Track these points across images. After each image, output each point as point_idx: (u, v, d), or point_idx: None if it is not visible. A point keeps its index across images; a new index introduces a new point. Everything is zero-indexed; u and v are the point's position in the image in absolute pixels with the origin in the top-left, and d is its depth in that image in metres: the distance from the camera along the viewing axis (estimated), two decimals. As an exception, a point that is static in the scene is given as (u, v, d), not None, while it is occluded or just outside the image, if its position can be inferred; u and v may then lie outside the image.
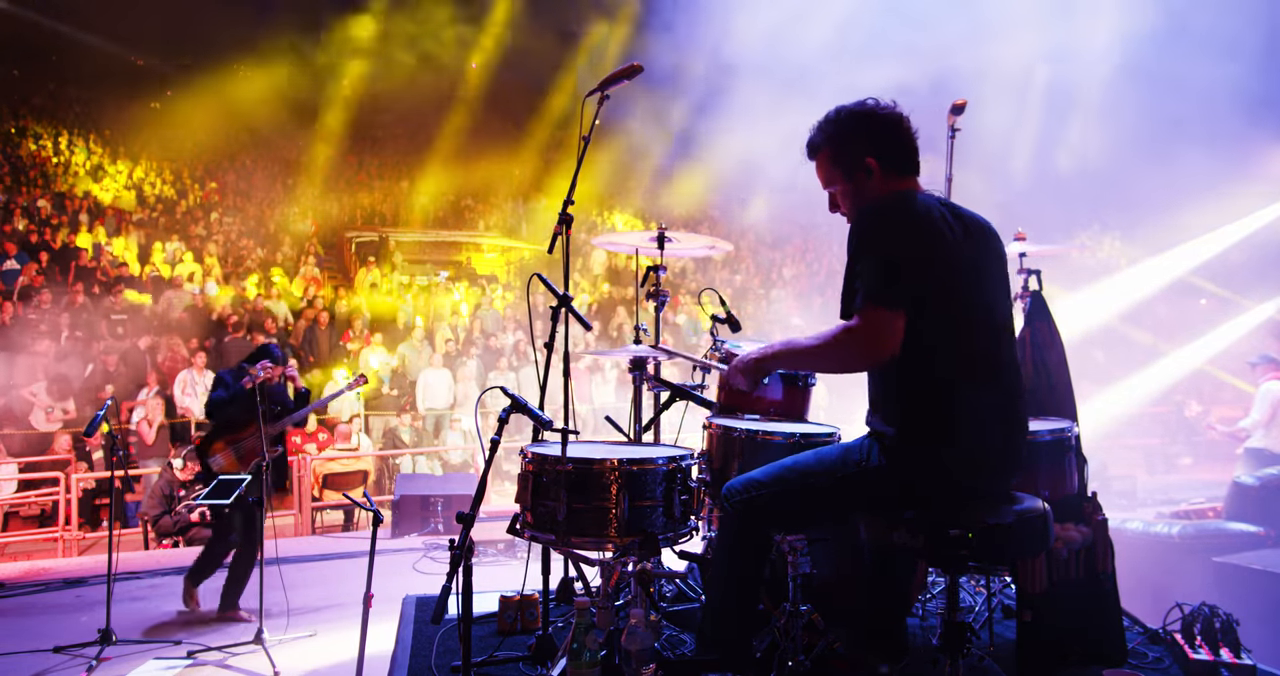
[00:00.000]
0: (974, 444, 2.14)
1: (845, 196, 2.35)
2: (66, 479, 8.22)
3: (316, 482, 9.07)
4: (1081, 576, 2.89)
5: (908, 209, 2.20)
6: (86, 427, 4.33)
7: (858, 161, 2.29)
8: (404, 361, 11.71)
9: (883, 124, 2.30)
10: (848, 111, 2.32)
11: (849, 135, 2.31)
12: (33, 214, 13.76)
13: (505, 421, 2.42)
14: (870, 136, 2.29)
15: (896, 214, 2.19)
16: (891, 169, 2.29)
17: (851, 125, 2.31)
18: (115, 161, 18.26)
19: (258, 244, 14.91)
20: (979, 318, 2.20)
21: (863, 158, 2.28)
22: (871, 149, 2.28)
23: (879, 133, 2.30)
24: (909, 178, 2.32)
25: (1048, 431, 2.86)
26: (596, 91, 3.01)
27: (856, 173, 2.30)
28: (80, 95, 23.44)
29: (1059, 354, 3.28)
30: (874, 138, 2.29)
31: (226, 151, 20.68)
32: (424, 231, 19.27)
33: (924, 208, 2.22)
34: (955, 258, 2.17)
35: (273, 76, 20.12)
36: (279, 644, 4.41)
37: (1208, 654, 2.85)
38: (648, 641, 2.30)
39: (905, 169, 2.31)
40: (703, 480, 2.78)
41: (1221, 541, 4.60)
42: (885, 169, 2.28)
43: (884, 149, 2.29)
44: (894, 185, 2.29)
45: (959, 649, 2.18)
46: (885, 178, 2.29)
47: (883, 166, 2.28)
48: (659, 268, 3.75)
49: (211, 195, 17.24)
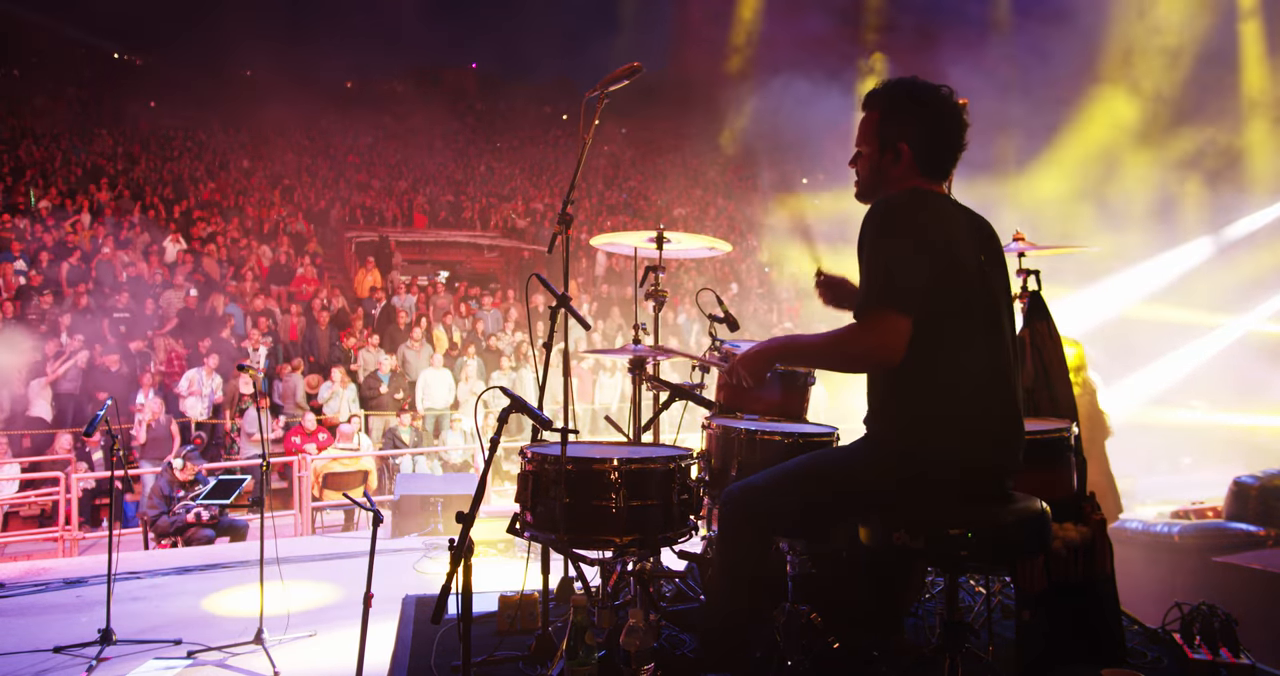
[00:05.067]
0: (972, 445, 2.14)
1: (865, 163, 2.31)
2: (66, 479, 8.22)
3: (316, 482, 9.07)
4: (1081, 576, 2.89)
5: (924, 211, 2.16)
6: (86, 427, 4.33)
7: (893, 140, 2.23)
8: (404, 361, 11.72)
9: (938, 119, 2.23)
10: (916, 88, 2.24)
11: (900, 111, 2.24)
12: (33, 214, 13.77)
13: (505, 421, 2.42)
14: (919, 124, 2.22)
15: (910, 216, 2.14)
16: (920, 163, 2.23)
17: (908, 103, 2.24)
18: (116, 161, 18.26)
19: (258, 244, 14.90)
20: (981, 320, 2.18)
21: (899, 140, 2.23)
22: (911, 135, 2.22)
23: (929, 125, 2.23)
24: (934, 180, 2.26)
25: (1047, 431, 2.86)
26: (596, 92, 3.02)
27: (887, 149, 2.25)
28: (80, 95, 23.48)
29: (1058, 354, 3.28)
30: (922, 127, 2.22)
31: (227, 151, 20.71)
32: (424, 231, 19.29)
33: (939, 210, 2.19)
34: (963, 261, 2.15)
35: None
36: (279, 644, 4.41)
37: (1207, 654, 2.85)
38: (647, 641, 2.30)
39: (932, 169, 2.25)
40: (702, 480, 2.78)
41: (1221, 541, 4.60)
42: (915, 160, 2.23)
43: (923, 141, 2.23)
44: (914, 181, 2.24)
45: (959, 649, 2.18)
46: (910, 169, 2.23)
47: (914, 157, 2.23)
48: (658, 268, 3.75)
49: (212, 195, 17.23)
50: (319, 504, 9.05)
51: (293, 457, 9.25)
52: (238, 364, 5.19)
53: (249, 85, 26.42)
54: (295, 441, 9.94)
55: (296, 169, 20.37)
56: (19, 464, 8.85)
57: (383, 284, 14.67)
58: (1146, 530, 4.82)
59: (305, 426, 10.05)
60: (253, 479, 7.90)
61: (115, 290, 11.54)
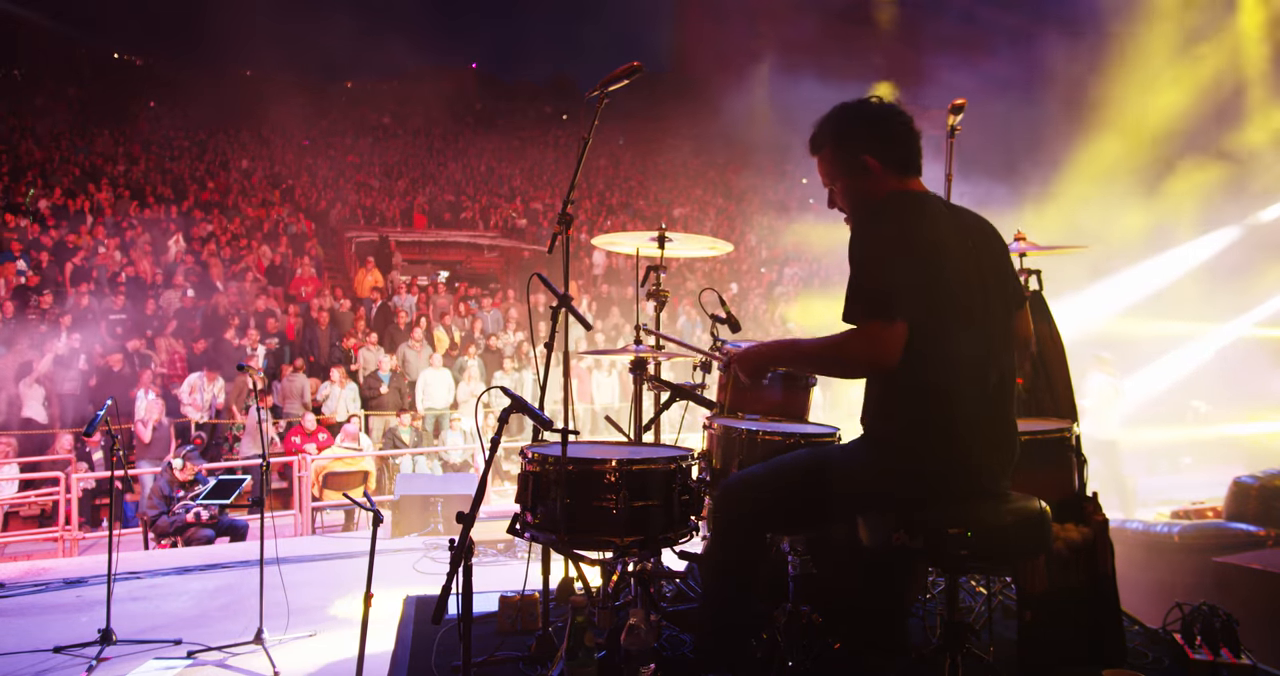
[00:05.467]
0: (968, 445, 2.14)
1: (844, 194, 2.34)
2: (66, 479, 8.22)
3: (316, 482, 9.07)
4: (1081, 576, 2.89)
5: (906, 213, 2.19)
6: (86, 427, 4.32)
7: (856, 159, 2.28)
8: (404, 361, 11.71)
9: (883, 122, 2.28)
10: (849, 109, 2.31)
11: (849, 132, 2.30)
12: (33, 214, 13.76)
13: (505, 421, 2.42)
14: (870, 135, 2.28)
15: (895, 218, 2.18)
16: (891, 168, 2.27)
17: (851, 123, 2.30)
18: (116, 161, 18.26)
19: (258, 244, 14.90)
20: (975, 320, 2.18)
21: (861, 155, 2.27)
22: (870, 147, 2.26)
23: (879, 131, 2.28)
24: (910, 178, 2.30)
25: (1047, 431, 2.86)
26: (596, 92, 3.01)
27: (855, 171, 2.28)
28: (80, 95, 23.48)
29: (1059, 354, 3.28)
30: (874, 136, 2.27)
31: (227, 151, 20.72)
32: (424, 231, 19.29)
33: (922, 210, 2.21)
34: (952, 261, 2.15)
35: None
36: (279, 644, 4.41)
37: (1207, 654, 2.85)
38: (647, 641, 2.29)
39: (905, 169, 2.29)
40: (703, 480, 2.78)
41: (1221, 541, 4.60)
42: (885, 168, 2.27)
43: (883, 148, 2.27)
44: (893, 185, 2.27)
45: (959, 649, 2.18)
46: (884, 177, 2.27)
47: (882, 165, 2.26)
48: (659, 267, 3.75)
49: (211, 195, 17.23)
50: (319, 504, 9.05)
51: (293, 457, 9.25)
52: (238, 364, 5.19)
53: (249, 85, 26.43)
54: (295, 441, 9.95)
55: (296, 169, 20.37)
56: (17, 464, 8.85)
57: (383, 284, 14.66)
58: (1146, 530, 4.81)
59: (305, 426, 10.05)
60: (253, 479, 7.90)
61: (115, 290, 11.54)
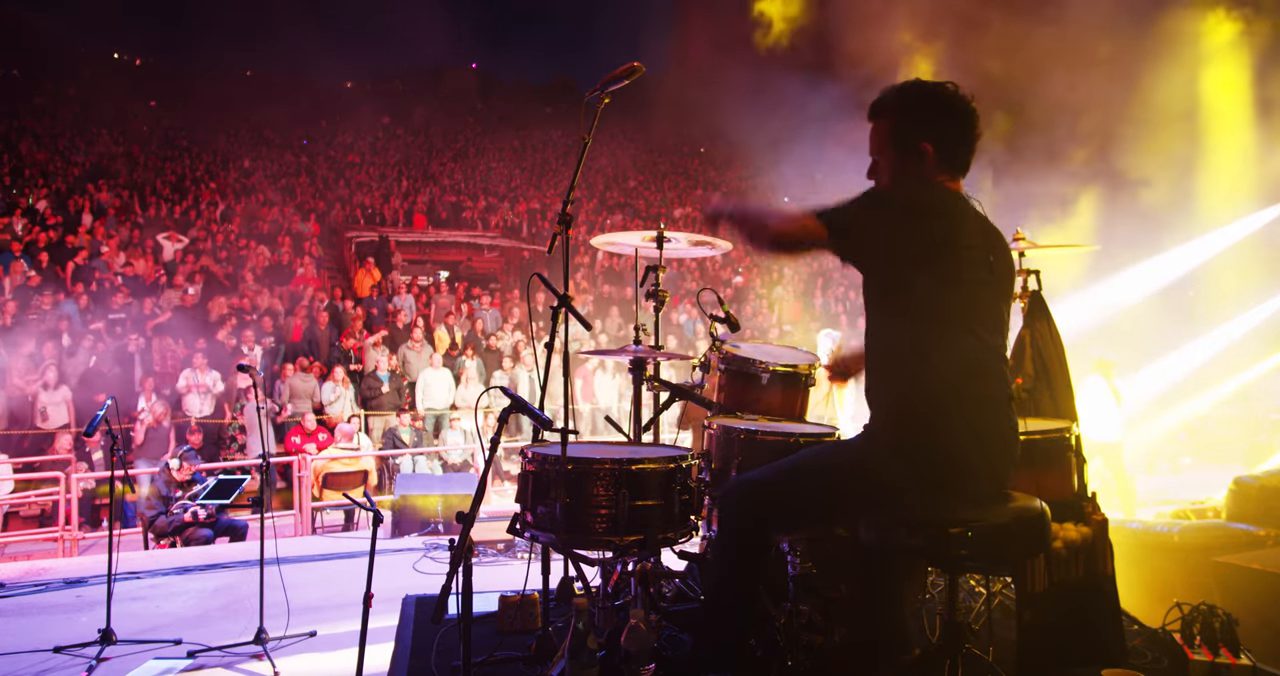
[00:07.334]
0: (967, 445, 2.15)
1: (887, 170, 2.29)
2: (66, 479, 8.22)
3: (316, 482, 9.07)
4: (1081, 576, 2.89)
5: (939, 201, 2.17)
6: (86, 427, 4.32)
7: (914, 142, 2.21)
8: (404, 361, 11.71)
9: (952, 115, 2.22)
10: (925, 89, 2.24)
11: (917, 114, 2.23)
12: (33, 213, 13.77)
13: (505, 421, 2.42)
14: (936, 122, 2.22)
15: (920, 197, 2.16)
16: (944, 162, 2.22)
17: (922, 104, 2.23)
18: (115, 161, 18.27)
19: (257, 244, 14.91)
20: (979, 322, 2.18)
21: (921, 140, 2.21)
22: (934, 135, 2.21)
23: (945, 122, 2.22)
24: (955, 178, 2.26)
25: (1047, 431, 2.86)
26: (597, 92, 3.01)
27: (909, 152, 2.22)
28: (80, 95, 23.48)
29: (1059, 354, 3.28)
30: (939, 125, 2.22)
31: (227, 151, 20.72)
32: (424, 231, 19.30)
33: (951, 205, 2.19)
34: (967, 260, 2.14)
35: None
36: (279, 643, 4.41)
37: (1207, 654, 2.85)
38: (648, 641, 2.29)
39: (956, 167, 2.25)
40: (702, 480, 2.78)
41: (1221, 541, 4.60)
42: (938, 161, 2.21)
43: (944, 140, 2.22)
44: (941, 178, 2.23)
45: (959, 649, 2.18)
46: (935, 168, 2.22)
47: (937, 158, 2.21)
48: (659, 267, 3.75)
49: (212, 195, 17.24)
50: (319, 504, 9.05)
51: (293, 457, 9.25)
52: (237, 364, 5.19)
53: (249, 85, 26.45)
54: (295, 441, 9.95)
55: (296, 169, 20.37)
56: (14, 464, 8.84)
57: (383, 284, 14.67)
58: (1146, 530, 4.81)
59: (305, 426, 10.05)
60: (252, 479, 7.90)
61: (114, 290, 11.54)
